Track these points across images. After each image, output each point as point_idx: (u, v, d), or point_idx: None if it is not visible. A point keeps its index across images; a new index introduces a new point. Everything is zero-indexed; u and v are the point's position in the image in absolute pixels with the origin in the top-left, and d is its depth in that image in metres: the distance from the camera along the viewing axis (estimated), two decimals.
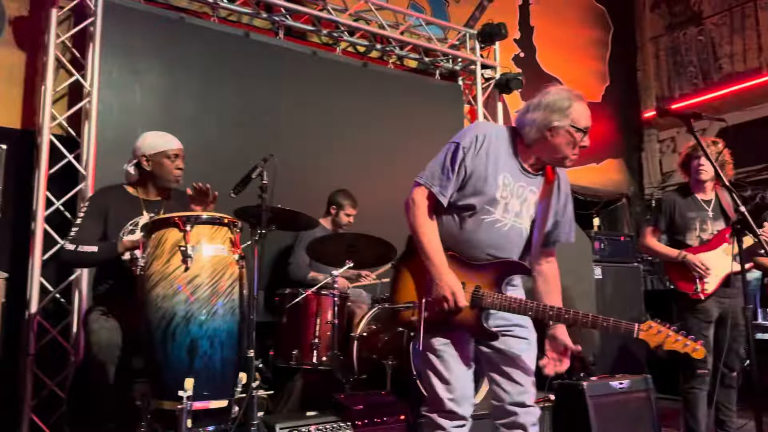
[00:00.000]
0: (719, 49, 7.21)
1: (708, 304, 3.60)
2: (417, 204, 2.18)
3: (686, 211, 3.76)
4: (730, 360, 3.58)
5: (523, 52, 7.10)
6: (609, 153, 7.75)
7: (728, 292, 3.60)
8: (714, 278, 3.58)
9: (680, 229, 3.77)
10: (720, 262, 3.58)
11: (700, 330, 3.57)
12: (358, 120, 5.38)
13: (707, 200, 3.77)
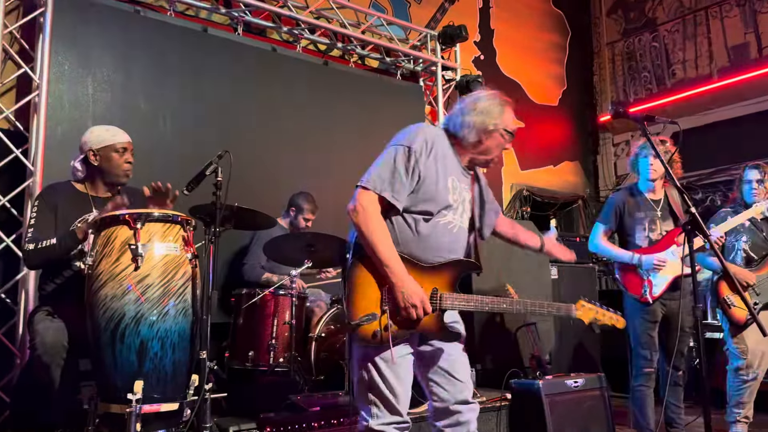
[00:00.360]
0: (672, 55, 7.42)
1: (654, 306, 3.66)
2: (367, 209, 2.07)
3: (635, 211, 3.79)
4: (676, 360, 3.63)
5: (484, 55, 7.16)
6: (566, 156, 7.89)
7: (674, 294, 3.66)
8: (662, 281, 3.64)
9: (629, 230, 3.80)
10: (669, 264, 3.64)
11: (646, 330, 3.64)
12: (318, 119, 5.34)
13: (656, 200, 3.81)
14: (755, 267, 3.96)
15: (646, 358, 3.66)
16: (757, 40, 6.62)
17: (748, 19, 6.70)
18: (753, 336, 3.86)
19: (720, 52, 6.95)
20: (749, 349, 3.87)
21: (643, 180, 3.83)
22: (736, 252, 4.03)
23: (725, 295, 3.94)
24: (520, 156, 7.39)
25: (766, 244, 3.99)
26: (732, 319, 3.92)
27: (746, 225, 4.06)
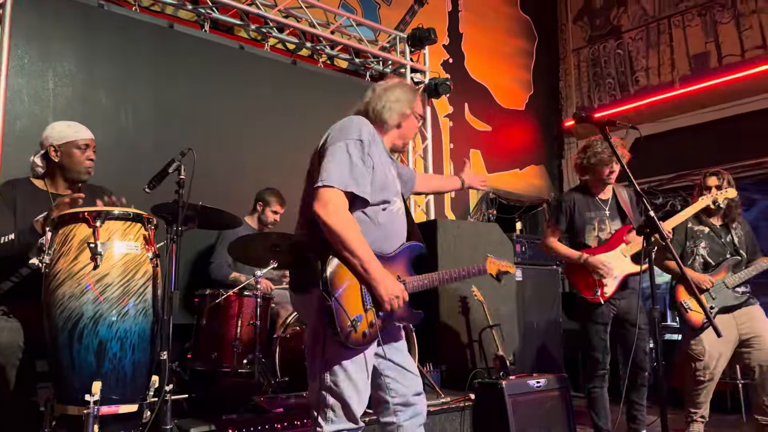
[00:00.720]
0: (636, 62, 7.58)
1: (604, 307, 3.70)
2: (339, 207, 2.02)
3: (585, 210, 3.83)
4: (639, 359, 3.70)
5: (452, 58, 7.22)
6: (531, 159, 8.00)
7: (623, 294, 3.72)
8: (612, 281, 3.68)
9: (579, 229, 3.84)
10: (618, 264, 3.69)
11: (597, 333, 3.69)
12: (286, 118, 5.31)
13: (605, 200, 3.86)
14: (712, 272, 4.06)
15: (598, 360, 3.71)
16: (717, 49, 6.81)
17: (709, 29, 6.89)
18: (709, 338, 3.95)
19: (682, 60, 7.14)
20: (706, 351, 3.96)
21: (594, 182, 3.86)
22: (694, 257, 4.12)
23: (682, 299, 4.02)
24: (487, 159, 7.47)
25: (723, 250, 4.09)
26: (689, 323, 4.01)
27: (705, 231, 4.15)
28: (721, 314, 3.97)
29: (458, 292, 5.15)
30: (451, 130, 7.12)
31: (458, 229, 5.29)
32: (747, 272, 3.98)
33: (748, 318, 3.97)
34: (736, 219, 4.17)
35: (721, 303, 3.95)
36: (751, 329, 3.90)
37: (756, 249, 4.15)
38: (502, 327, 5.32)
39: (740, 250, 4.07)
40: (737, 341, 3.93)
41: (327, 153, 2.08)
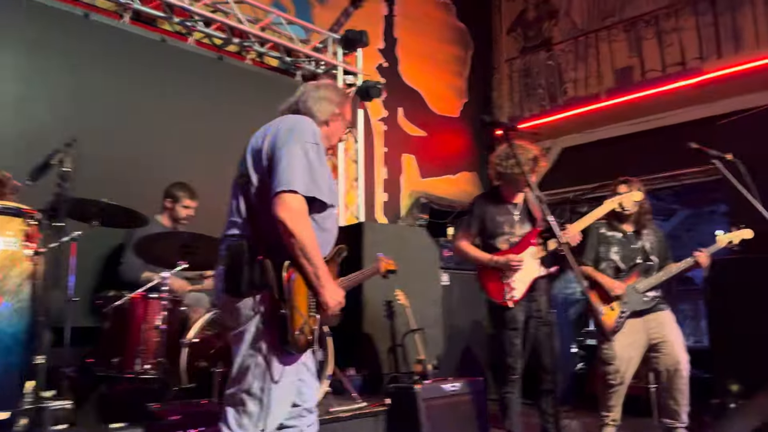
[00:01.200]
0: (565, 74, 7.78)
1: (515, 312, 3.71)
2: (301, 214, 2.00)
3: (496, 214, 3.86)
4: (545, 362, 3.71)
5: (387, 62, 7.21)
6: (464, 166, 8.07)
7: (533, 296, 3.73)
8: (521, 284, 3.70)
9: (491, 233, 3.86)
10: (527, 266, 3.71)
11: (510, 339, 3.69)
12: (209, 115, 5.14)
13: (515, 204, 3.89)
14: (623, 277, 4.16)
15: (511, 366, 3.71)
16: (641, 64, 7.06)
17: (633, 45, 7.13)
18: (621, 342, 4.04)
19: (607, 73, 7.36)
20: (617, 355, 4.04)
21: (505, 186, 3.88)
22: (607, 262, 4.21)
23: (595, 303, 4.10)
24: (420, 164, 7.49)
25: (635, 255, 4.20)
26: (601, 327, 4.08)
27: (617, 237, 4.26)
28: (632, 318, 4.06)
29: (383, 296, 5.11)
30: (385, 134, 7.10)
31: (384, 232, 5.27)
32: (657, 277, 4.09)
33: (657, 323, 4.07)
34: (647, 225, 4.29)
35: (631, 307, 4.05)
36: (660, 334, 4.00)
37: (667, 255, 4.27)
38: (427, 331, 5.32)
39: (651, 256, 4.18)
40: (647, 345, 4.03)
41: (282, 155, 2.03)
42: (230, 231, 2.15)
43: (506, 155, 3.88)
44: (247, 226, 2.11)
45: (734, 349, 4.68)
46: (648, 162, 6.75)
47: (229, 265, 2.06)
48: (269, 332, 2.01)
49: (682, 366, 3.91)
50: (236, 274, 2.04)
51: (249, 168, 2.14)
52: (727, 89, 6.24)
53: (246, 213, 2.12)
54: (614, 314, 4.06)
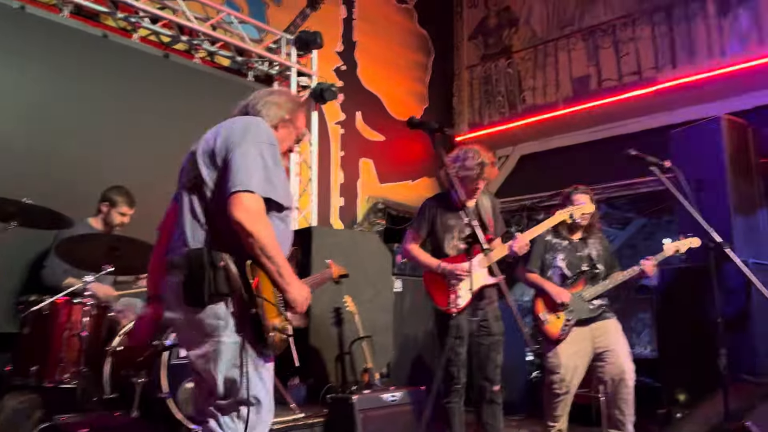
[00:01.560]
0: (524, 82, 7.78)
1: (459, 320, 3.59)
2: (261, 214, 1.97)
3: (447, 218, 3.76)
4: (489, 373, 3.64)
5: (345, 65, 7.12)
6: (424, 172, 8.00)
7: (479, 304, 3.67)
8: (467, 292, 3.61)
9: (440, 237, 3.77)
10: (474, 274, 3.58)
11: (454, 347, 3.56)
12: (152, 114, 4.97)
13: (467, 209, 3.82)
14: (569, 284, 4.11)
15: (453, 375, 3.59)
16: (598, 73, 7.09)
17: (591, 54, 7.16)
18: (566, 350, 3.99)
19: (565, 82, 7.38)
20: (562, 364, 3.99)
21: (459, 189, 3.80)
22: (553, 269, 4.16)
23: (540, 312, 4.05)
24: (379, 169, 7.40)
25: (581, 263, 4.16)
26: (546, 335, 4.03)
27: (563, 245, 4.21)
28: (578, 326, 4.01)
29: (331, 302, 4.99)
30: (342, 138, 7.00)
31: (335, 237, 5.15)
32: (603, 285, 4.05)
33: (603, 331, 4.03)
34: (593, 234, 4.26)
35: (577, 315, 4.00)
36: (605, 343, 3.96)
37: (614, 263, 4.24)
38: (377, 339, 5.21)
39: (597, 264, 4.14)
40: (592, 354, 3.99)
41: (238, 155, 2.00)
42: (183, 238, 2.07)
43: (458, 158, 3.81)
44: (203, 230, 2.05)
45: (682, 358, 4.66)
46: (604, 170, 6.77)
47: (188, 275, 1.98)
48: (246, 337, 1.98)
49: (627, 375, 3.87)
50: (197, 283, 1.95)
51: (202, 170, 2.08)
52: (681, 99, 6.29)
53: (202, 217, 2.06)
54: (560, 322, 4.01)
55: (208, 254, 1.96)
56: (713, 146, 4.80)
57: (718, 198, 4.71)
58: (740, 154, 4.88)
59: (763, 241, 5.00)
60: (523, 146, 7.66)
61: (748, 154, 4.97)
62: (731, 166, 4.72)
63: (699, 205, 4.92)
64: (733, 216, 4.63)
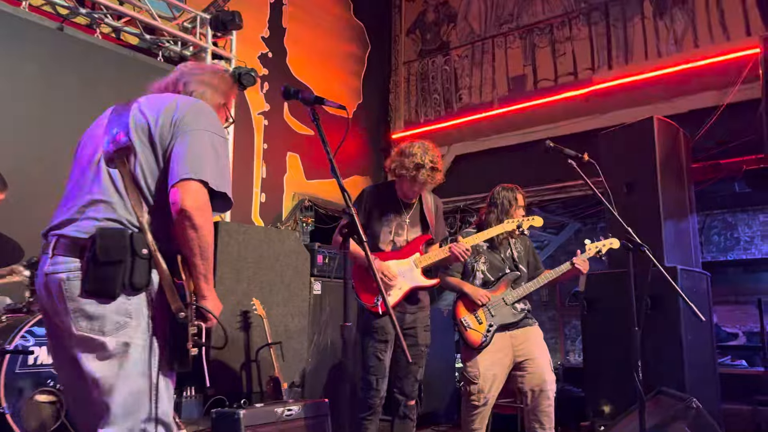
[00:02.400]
0: (461, 80, 7.53)
1: (384, 321, 3.29)
2: (208, 206, 1.76)
3: (385, 211, 3.43)
4: (406, 386, 3.32)
5: (272, 53, 6.69)
6: (356, 170, 7.65)
7: (409, 308, 3.35)
8: (397, 291, 3.31)
9: (375, 230, 3.43)
10: (407, 274, 3.32)
11: (375, 352, 3.26)
12: (40, 92, 4.45)
13: (409, 204, 3.49)
14: (491, 288, 3.86)
15: (371, 385, 3.25)
16: (534, 73, 6.90)
17: (528, 53, 6.97)
18: (485, 359, 3.72)
19: (501, 81, 7.16)
20: (480, 374, 3.71)
21: (401, 183, 3.44)
22: (474, 273, 3.89)
23: (462, 316, 3.78)
24: (306, 165, 7.00)
25: (503, 265, 3.90)
26: (467, 341, 3.75)
27: (485, 247, 3.95)
28: (499, 332, 3.75)
29: (237, 305, 4.56)
30: (266, 129, 6.56)
31: (246, 234, 4.71)
32: (525, 288, 3.81)
33: (524, 339, 3.79)
34: (516, 235, 4.02)
35: (499, 320, 3.73)
36: (526, 351, 3.71)
37: (538, 264, 4.01)
38: (290, 345, 4.81)
39: (520, 265, 3.90)
40: (512, 363, 3.73)
41: (189, 141, 1.77)
42: (90, 213, 1.75)
43: (401, 151, 3.45)
44: (124, 210, 1.75)
45: (606, 368, 4.45)
46: (538, 173, 6.58)
47: (97, 258, 1.66)
48: (160, 344, 1.72)
49: (548, 387, 3.63)
50: (108, 270, 1.64)
51: (135, 144, 1.80)
52: (615, 101, 6.15)
53: (125, 195, 1.76)
54: (482, 328, 3.73)
55: (130, 237, 1.68)
56: (644, 148, 4.61)
57: (648, 201, 4.53)
58: (671, 157, 4.72)
59: (693, 247, 4.85)
60: (458, 146, 7.40)
61: (679, 157, 4.81)
62: (662, 168, 4.54)
63: (629, 208, 4.76)
64: (663, 220, 4.45)
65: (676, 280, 4.19)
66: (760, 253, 9.64)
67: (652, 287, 4.30)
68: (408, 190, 3.37)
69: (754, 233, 9.62)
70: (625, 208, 4.76)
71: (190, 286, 1.77)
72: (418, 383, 3.36)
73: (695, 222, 5.02)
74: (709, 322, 4.60)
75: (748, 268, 9.98)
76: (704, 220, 9.65)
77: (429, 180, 3.34)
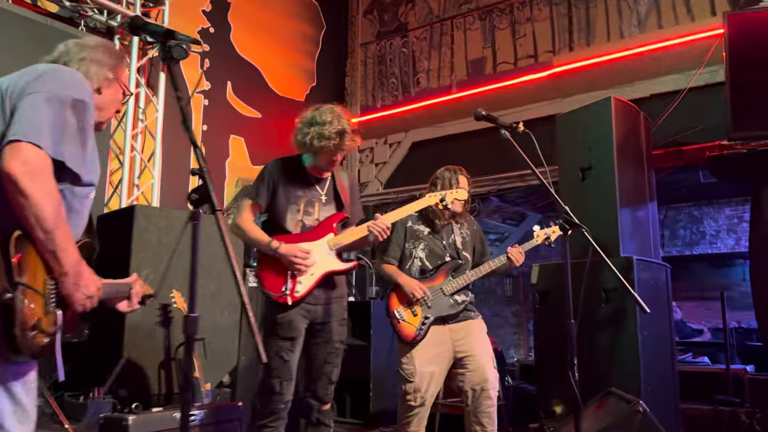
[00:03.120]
0: (419, 63, 7.17)
1: (292, 315, 2.89)
2: (42, 172, 1.53)
3: (292, 187, 3.00)
4: (319, 389, 2.93)
5: (214, 28, 6.24)
6: None
7: (320, 297, 2.95)
8: (308, 278, 2.92)
9: (281, 209, 2.99)
10: (320, 258, 2.91)
11: (279, 352, 2.84)
12: None
13: (321, 179, 3.07)
14: (430, 277, 3.50)
15: (273, 389, 2.83)
16: (493, 55, 6.57)
17: (487, 34, 6.63)
18: (422, 355, 3.37)
19: (460, 64, 6.82)
20: (417, 371, 3.35)
21: (313, 155, 3.00)
22: (412, 260, 3.53)
23: (395, 308, 3.42)
24: (252, 149, 6.57)
25: (443, 252, 3.55)
26: (400, 335, 3.40)
27: (425, 232, 3.60)
28: (436, 325, 3.40)
29: (157, 298, 4.13)
30: (205, 110, 6.11)
31: (166, 219, 4.28)
32: (466, 277, 3.46)
33: (465, 333, 3.45)
34: (462, 219, 3.68)
35: (436, 312, 3.38)
36: (466, 347, 3.38)
37: (485, 251, 3.68)
38: (218, 342, 4.41)
39: (463, 252, 3.55)
40: (452, 359, 3.39)
41: (29, 103, 1.59)
42: None
43: (309, 121, 3.03)
44: None
45: (559, 365, 4.12)
46: (496, 160, 6.27)
47: None
48: None
49: (489, 385, 3.29)
50: None
51: None
52: (575, 85, 5.84)
53: None
54: (416, 321, 3.37)
55: None
56: (601, 131, 4.29)
57: (604, 187, 4.22)
58: (630, 140, 4.40)
59: (653, 237, 4.55)
60: (415, 132, 7.04)
61: (638, 141, 4.50)
62: (620, 152, 4.23)
63: (584, 194, 4.44)
64: (620, 207, 4.13)
65: (631, 271, 3.89)
66: (726, 247, 9.49)
67: (606, 279, 4.03)
68: (326, 163, 2.97)
69: (720, 227, 9.45)
70: (579, 195, 4.47)
71: (27, 266, 1.56)
72: (333, 385, 2.97)
73: (655, 210, 4.72)
74: (668, 317, 4.31)
75: (714, 263, 9.83)
76: (669, 213, 9.47)
77: (353, 146, 2.98)
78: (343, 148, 2.90)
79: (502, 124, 2.70)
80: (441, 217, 3.55)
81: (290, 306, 2.83)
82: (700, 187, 7.43)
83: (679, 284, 10.19)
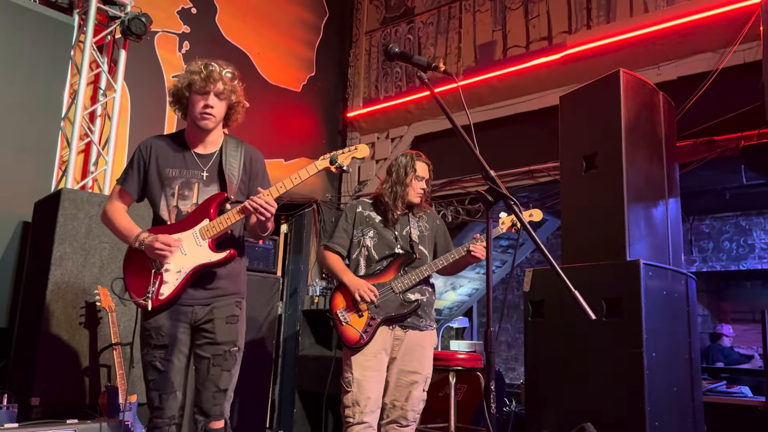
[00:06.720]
0: (425, 50, 6.56)
1: (161, 320, 2.39)
2: None
3: (167, 167, 2.50)
4: (205, 401, 2.39)
5: (197, 8, 5.79)
6: (303, 151, 6.71)
7: (198, 296, 2.43)
8: (175, 275, 2.37)
9: (154, 194, 2.52)
10: (189, 250, 2.38)
11: (152, 361, 2.38)
12: None
13: (205, 155, 2.55)
14: (378, 271, 2.93)
15: (153, 403, 2.39)
16: (504, 39, 5.90)
17: (498, 16, 5.97)
18: (363, 362, 2.82)
19: (468, 50, 6.17)
20: (354, 380, 2.80)
21: (192, 126, 2.55)
22: (359, 249, 2.96)
23: (339, 308, 2.87)
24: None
25: (394, 243, 2.97)
26: (343, 339, 2.85)
27: (377, 220, 3.03)
28: (384, 326, 2.84)
29: (82, 295, 3.63)
30: None
31: (99, 206, 3.78)
32: (419, 272, 2.90)
33: (409, 347, 2.95)
34: (421, 212, 3.10)
35: (384, 312, 2.84)
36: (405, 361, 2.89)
37: (449, 247, 3.13)
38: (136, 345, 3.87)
39: (419, 246, 3.00)
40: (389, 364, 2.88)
41: None
42: None
43: (181, 77, 2.57)
44: None
45: (552, 386, 3.45)
46: (505, 154, 5.60)
47: None
48: None
49: (408, 408, 2.91)
50: None
51: None
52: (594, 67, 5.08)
53: None
54: (361, 322, 2.82)
55: None
56: (608, 111, 3.60)
57: (610, 178, 3.52)
58: (643, 122, 3.68)
59: (670, 239, 3.79)
60: (417, 125, 6.43)
61: (654, 125, 3.78)
62: (628, 136, 3.52)
63: (587, 187, 3.75)
64: (627, 201, 3.43)
65: (638, 278, 3.18)
66: None
67: (610, 288, 3.32)
68: (200, 111, 2.45)
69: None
70: (582, 187, 3.78)
71: None
72: (223, 395, 2.40)
73: (678, 210, 3.97)
74: (687, 335, 3.55)
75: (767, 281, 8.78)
76: (714, 224, 8.52)
77: (229, 89, 2.55)
78: (212, 81, 2.43)
79: (418, 63, 2.12)
80: (390, 208, 2.98)
81: (159, 310, 2.33)
82: (746, 195, 6.55)
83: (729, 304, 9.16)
